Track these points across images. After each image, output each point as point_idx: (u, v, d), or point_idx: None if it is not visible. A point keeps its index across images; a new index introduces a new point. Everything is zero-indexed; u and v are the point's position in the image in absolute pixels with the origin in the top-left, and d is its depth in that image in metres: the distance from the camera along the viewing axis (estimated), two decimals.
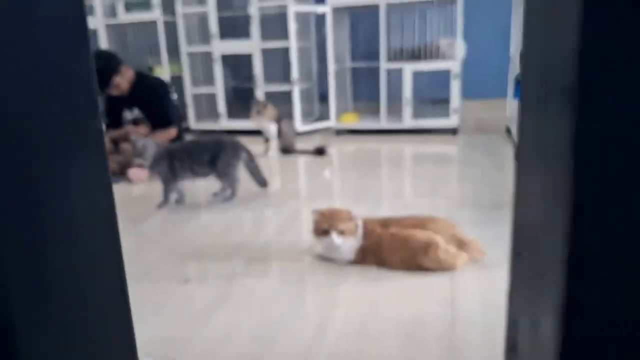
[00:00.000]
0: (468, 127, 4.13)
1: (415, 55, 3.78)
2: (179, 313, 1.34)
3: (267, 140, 3.42)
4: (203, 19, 4.35)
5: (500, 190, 2.31)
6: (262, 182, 2.44)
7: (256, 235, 1.90)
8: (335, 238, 1.50)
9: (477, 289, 1.38)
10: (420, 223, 1.53)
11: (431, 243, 1.45)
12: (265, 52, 4.22)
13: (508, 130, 3.76)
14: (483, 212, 2.02)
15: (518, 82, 2.94)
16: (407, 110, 3.83)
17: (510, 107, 3.63)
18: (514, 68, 3.42)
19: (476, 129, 4.01)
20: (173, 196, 2.33)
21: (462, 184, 2.43)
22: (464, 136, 3.73)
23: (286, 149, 3.41)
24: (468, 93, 4.58)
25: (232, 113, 4.53)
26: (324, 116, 4.46)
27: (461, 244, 1.50)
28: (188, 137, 3.43)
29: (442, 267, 1.46)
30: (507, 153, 3.08)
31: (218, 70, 4.23)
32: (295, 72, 3.95)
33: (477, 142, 3.47)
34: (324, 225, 1.51)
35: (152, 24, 4.26)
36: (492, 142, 3.48)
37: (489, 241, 1.69)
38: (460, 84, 3.74)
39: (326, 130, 4.29)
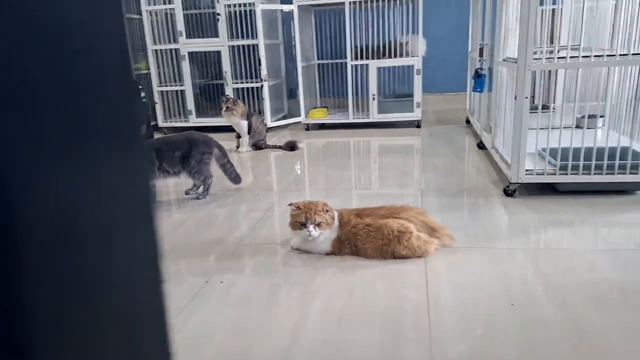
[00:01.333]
0: (430, 119, 4.27)
1: (380, 52, 3.88)
2: None
3: (238, 136, 3.44)
4: (170, 17, 4.31)
5: (461, 178, 2.44)
6: (235, 179, 2.46)
7: (231, 232, 1.92)
8: (313, 230, 1.56)
9: (449, 273, 1.48)
10: (394, 212, 1.61)
11: (405, 231, 1.53)
12: (234, 50, 4.22)
13: (467, 122, 3.92)
14: (447, 199, 2.13)
15: (476, 77, 3.09)
16: (374, 104, 3.93)
17: (469, 101, 3.78)
18: (472, 65, 3.57)
19: (438, 122, 4.15)
20: None
21: (426, 173, 2.54)
22: (427, 128, 3.86)
23: (257, 145, 3.45)
24: (429, 88, 4.73)
25: (202, 110, 4.52)
26: (294, 112, 4.51)
27: (432, 231, 1.59)
28: (156, 135, 3.41)
29: (416, 254, 1.54)
30: (467, 143, 3.23)
31: (186, 68, 4.20)
32: (264, 69, 3.97)
33: (439, 134, 3.61)
34: (301, 218, 1.57)
35: None
36: (453, 133, 3.63)
37: (455, 226, 1.80)
38: (422, 80, 3.87)
39: (296, 125, 4.35)
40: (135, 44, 4.35)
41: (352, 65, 3.90)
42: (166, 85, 4.37)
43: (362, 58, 3.89)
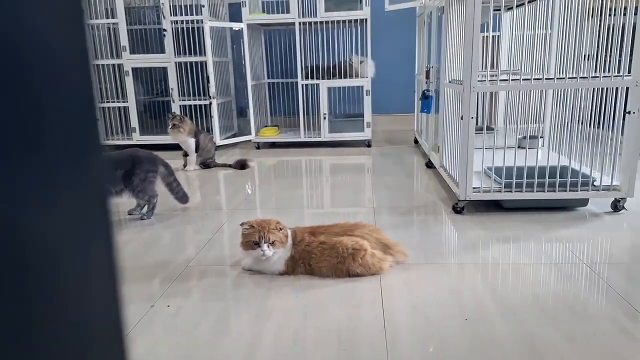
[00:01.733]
0: (380, 139, 4.35)
1: (330, 72, 3.93)
2: None
3: (185, 154, 3.34)
4: (113, 32, 4.16)
5: (412, 196, 2.47)
6: (182, 198, 2.37)
7: (177, 253, 1.82)
8: (267, 249, 1.50)
9: (403, 290, 1.46)
10: (348, 229, 1.59)
11: (359, 249, 1.51)
12: (181, 66, 4.13)
13: (416, 142, 4.03)
14: (399, 217, 2.14)
15: (424, 98, 3.18)
16: (325, 124, 3.95)
17: (417, 121, 3.89)
18: (419, 87, 3.68)
19: (387, 142, 4.23)
20: None
21: (378, 191, 2.56)
22: (377, 148, 3.92)
23: (206, 163, 3.35)
24: (379, 109, 4.84)
25: (146, 128, 4.36)
26: (244, 130, 4.45)
27: (386, 248, 1.58)
28: None
29: (371, 271, 1.53)
30: (416, 162, 3.30)
31: (130, 84, 4.05)
32: (213, 87, 3.90)
33: (389, 153, 3.67)
34: (255, 237, 1.51)
35: None
36: (403, 153, 3.70)
37: (407, 242, 1.80)
38: (371, 100, 3.95)
39: (246, 144, 4.28)
40: None
41: (302, 85, 3.91)
42: (108, 102, 4.19)
43: (312, 78, 3.92)
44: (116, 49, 4.14)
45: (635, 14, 1.92)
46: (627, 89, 1.97)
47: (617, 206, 2.09)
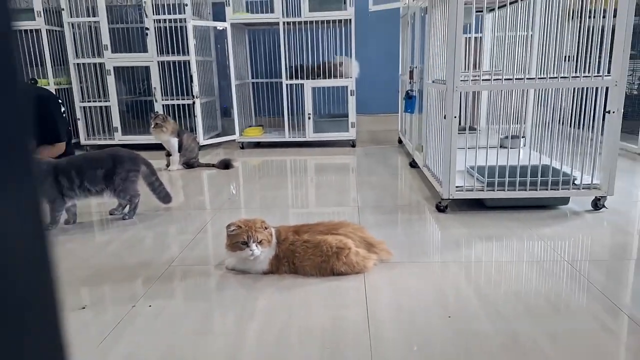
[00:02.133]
0: (364, 139, 4.36)
1: (315, 72, 3.92)
2: (75, 343, 1.23)
3: (168, 154, 3.30)
4: (94, 30, 4.10)
5: (396, 195, 2.48)
6: (165, 198, 2.33)
7: (160, 253, 1.80)
8: (256, 248, 1.49)
9: (388, 288, 1.46)
10: (332, 228, 1.59)
11: (343, 247, 1.51)
12: (164, 65, 4.08)
13: (400, 142, 4.05)
14: (383, 216, 2.15)
15: (407, 98, 3.20)
16: (309, 124, 3.95)
17: (401, 122, 3.91)
18: (403, 87, 3.70)
19: (372, 142, 4.25)
20: (61, 216, 2.13)
21: (362, 191, 2.56)
22: (362, 148, 3.93)
23: (189, 163, 3.32)
24: (363, 109, 4.85)
25: (129, 127, 4.30)
26: (228, 130, 4.42)
27: (370, 246, 1.58)
28: (78, 154, 3.17)
29: (355, 270, 1.52)
30: (400, 162, 3.32)
31: (112, 83, 3.99)
32: (196, 86, 3.87)
33: (374, 153, 3.68)
34: (243, 237, 1.49)
35: (35, 32, 3.90)
36: (387, 152, 3.72)
37: (391, 241, 1.80)
38: (355, 101, 3.95)
39: (230, 144, 4.25)
40: (55, 57, 4.08)
41: (287, 85, 3.90)
42: (89, 101, 4.12)
43: (297, 78, 3.91)
44: (98, 48, 4.08)
45: (614, 16, 1.96)
46: (607, 88, 2.01)
47: (597, 204, 2.13)
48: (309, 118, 3.93)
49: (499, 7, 2.93)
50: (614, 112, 2.00)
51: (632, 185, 2.61)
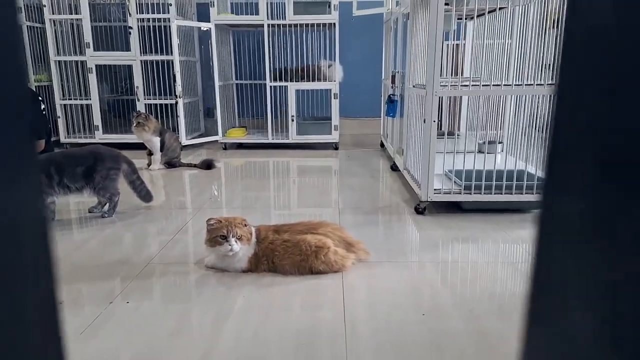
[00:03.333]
0: (347, 142, 4.40)
1: (299, 75, 3.95)
2: None
3: (150, 153, 3.28)
4: (76, 28, 4.06)
5: (376, 197, 2.52)
6: (145, 197, 2.33)
7: (139, 251, 1.80)
8: (235, 244, 1.50)
9: (365, 287, 1.49)
10: (311, 228, 1.61)
11: (322, 246, 1.53)
12: (147, 65, 4.06)
13: (381, 145, 4.10)
14: (363, 217, 2.18)
15: (389, 102, 3.25)
16: (293, 126, 3.97)
17: (383, 125, 3.96)
18: (386, 91, 3.76)
19: (354, 145, 4.29)
20: None
21: (344, 192, 2.59)
22: (344, 151, 3.97)
23: (171, 163, 3.31)
24: (346, 112, 4.89)
25: (110, 126, 4.26)
26: (211, 131, 4.41)
27: (349, 246, 1.61)
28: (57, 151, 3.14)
29: (333, 269, 1.55)
30: (382, 165, 3.36)
31: (93, 81, 3.95)
32: (179, 86, 3.86)
33: (356, 156, 3.73)
34: (223, 231, 1.51)
35: None
36: (369, 155, 3.76)
37: (370, 241, 1.84)
38: (339, 104, 3.99)
39: (213, 144, 4.25)
40: (35, 54, 4.02)
41: (271, 87, 3.92)
42: (70, 99, 4.07)
43: (281, 80, 3.93)
44: (79, 46, 4.04)
45: None
46: None
47: None
48: (293, 120, 3.95)
49: (478, 16, 3.01)
50: None
51: None
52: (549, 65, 2.28)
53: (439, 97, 2.10)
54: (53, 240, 0.36)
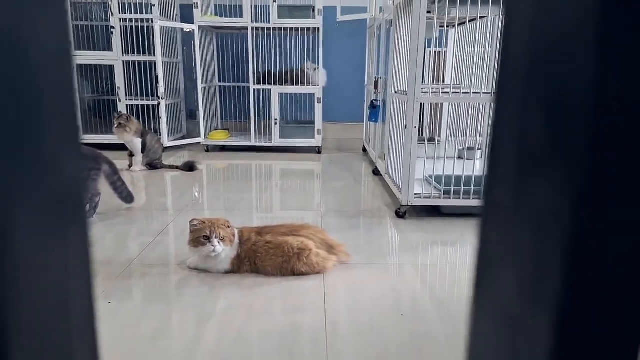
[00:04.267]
0: (330, 147, 4.44)
1: (282, 78, 3.97)
2: None
3: (131, 154, 3.25)
4: None
5: (358, 201, 2.55)
6: (127, 198, 2.31)
7: (119, 252, 1.79)
8: (218, 244, 1.51)
9: (346, 288, 1.52)
10: (294, 230, 1.63)
11: (304, 248, 1.55)
12: (129, 65, 4.03)
13: (364, 150, 4.14)
14: (345, 220, 2.21)
15: (372, 107, 3.29)
16: (276, 129, 3.98)
17: (365, 130, 4.01)
18: (368, 97, 3.80)
19: (337, 149, 4.32)
20: None
21: (326, 196, 2.62)
22: (327, 155, 4.00)
23: (153, 164, 3.28)
24: (329, 117, 4.93)
25: (90, 127, 4.21)
26: (193, 133, 4.39)
27: (330, 248, 1.63)
28: None
29: (315, 271, 1.57)
30: (364, 169, 3.40)
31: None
32: (161, 87, 3.83)
33: (339, 160, 3.76)
34: (206, 232, 1.52)
35: None
36: (351, 160, 3.80)
37: (352, 244, 1.86)
38: (322, 108, 4.02)
39: (195, 146, 4.23)
40: None
41: (254, 90, 3.93)
42: None
43: (264, 83, 3.94)
44: None
45: None
46: None
47: None
48: (276, 123, 3.97)
49: (460, 24, 3.08)
50: None
51: None
52: None
53: (421, 104, 2.14)
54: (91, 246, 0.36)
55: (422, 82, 2.22)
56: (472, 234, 2.04)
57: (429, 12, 2.16)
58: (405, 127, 2.18)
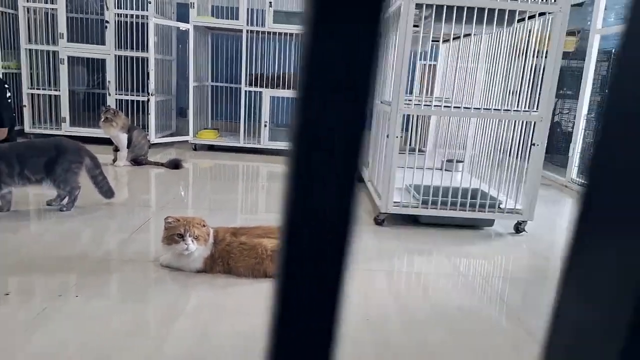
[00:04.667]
0: None
1: (275, 81, 4.00)
2: None
3: (116, 149, 3.26)
4: (51, 17, 4.00)
5: None
6: (107, 193, 2.31)
7: (96, 248, 1.79)
8: (191, 243, 1.53)
9: None
10: (269, 232, 1.65)
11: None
12: (121, 60, 4.03)
13: None
14: None
15: None
16: (265, 131, 4.00)
17: None
18: None
19: None
20: None
21: None
22: None
23: (137, 160, 3.29)
24: None
25: (78, 119, 4.20)
26: (183, 131, 4.40)
27: None
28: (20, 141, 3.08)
29: None
30: None
31: (64, 72, 3.90)
32: (152, 83, 3.84)
33: None
34: (180, 229, 1.53)
35: None
36: None
37: None
38: None
39: (183, 144, 4.23)
40: (5, 40, 3.95)
41: (246, 91, 3.95)
42: (38, 89, 4.00)
43: (256, 85, 3.96)
44: (53, 35, 3.98)
45: (546, 57, 2.15)
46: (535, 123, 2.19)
47: (518, 228, 2.30)
48: (265, 126, 3.99)
49: (444, 40, 3.13)
50: (538, 145, 2.18)
51: (554, 213, 2.84)
52: (516, 91, 2.40)
53: (408, 115, 2.18)
54: None
55: (411, 93, 2.26)
56: (446, 244, 2.07)
57: (416, 26, 2.20)
58: (387, 137, 2.22)
